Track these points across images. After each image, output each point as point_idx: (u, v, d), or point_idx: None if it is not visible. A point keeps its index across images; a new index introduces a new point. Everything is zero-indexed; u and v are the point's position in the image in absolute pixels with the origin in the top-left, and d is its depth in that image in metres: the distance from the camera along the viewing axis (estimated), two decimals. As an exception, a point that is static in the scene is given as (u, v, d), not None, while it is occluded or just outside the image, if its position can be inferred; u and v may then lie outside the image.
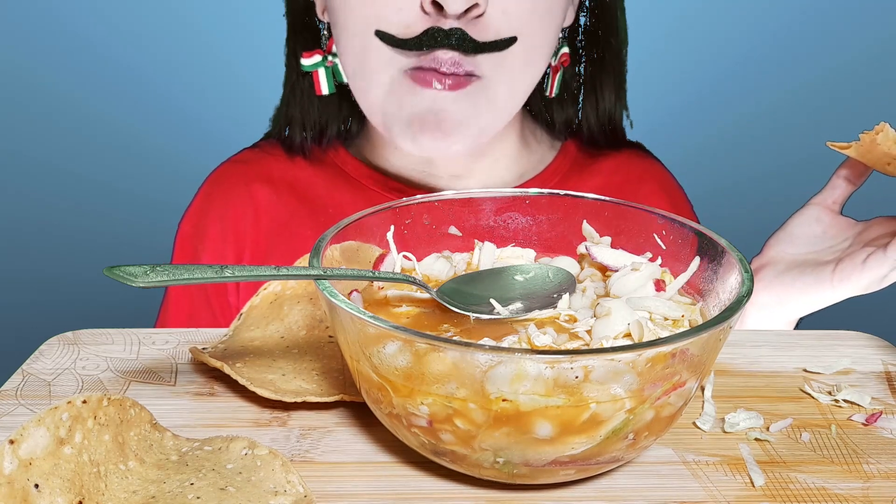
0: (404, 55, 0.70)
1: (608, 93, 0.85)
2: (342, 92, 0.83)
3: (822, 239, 0.65)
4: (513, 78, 0.73)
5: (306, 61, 0.81)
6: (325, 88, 0.81)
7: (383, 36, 0.70)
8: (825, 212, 0.65)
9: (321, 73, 0.81)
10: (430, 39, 0.68)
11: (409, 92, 0.71)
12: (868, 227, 0.63)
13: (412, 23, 0.69)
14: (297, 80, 0.83)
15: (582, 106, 0.87)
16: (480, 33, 0.69)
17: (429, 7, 0.68)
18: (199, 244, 0.85)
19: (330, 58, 0.81)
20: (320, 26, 0.82)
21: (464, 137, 0.72)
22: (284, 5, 0.84)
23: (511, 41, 0.70)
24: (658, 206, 0.86)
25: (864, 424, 0.49)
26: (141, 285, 0.39)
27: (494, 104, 0.73)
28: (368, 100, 0.74)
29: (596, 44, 0.85)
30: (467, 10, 0.67)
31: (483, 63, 0.70)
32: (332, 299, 0.40)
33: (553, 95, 0.83)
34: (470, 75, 0.70)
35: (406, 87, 0.71)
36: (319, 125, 0.85)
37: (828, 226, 0.65)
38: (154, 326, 0.84)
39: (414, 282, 0.47)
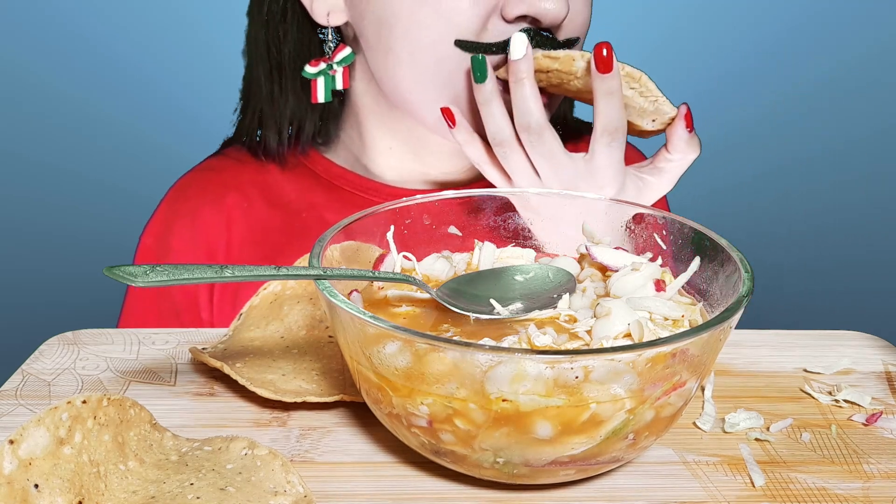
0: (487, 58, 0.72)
1: (562, 100, 0.89)
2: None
3: None
4: None
5: (311, 69, 0.79)
6: (322, 97, 0.79)
7: (465, 45, 0.70)
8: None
9: (320, 81, 0.80)
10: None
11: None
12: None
13: (491, 27, 0.71)
14: (276, 82, 0.82)
15: None
16: (558, 34, 0.73)
17: (512, 18, 0.69)
18: (163, 258, 0.82)
19: (334, 66, 0.80)
20: (322, 33, 0.80)
21: None
22: (262, 11, 0.82)
23: (577, 41, 0.75)
24: None
25: (864, 424, 0.49)
26: (141, 285, 0.39)
27: (560, 96, 0.77)
28: (435, 106, 0.74)
29: None
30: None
31: None
32: (332, 299, 0.40)
33: None
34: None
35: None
36: (298, 128, 0.84)
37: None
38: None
39: (414, 282, 0.47)
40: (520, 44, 0.66)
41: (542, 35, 0.70)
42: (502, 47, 0.70)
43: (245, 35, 0.84)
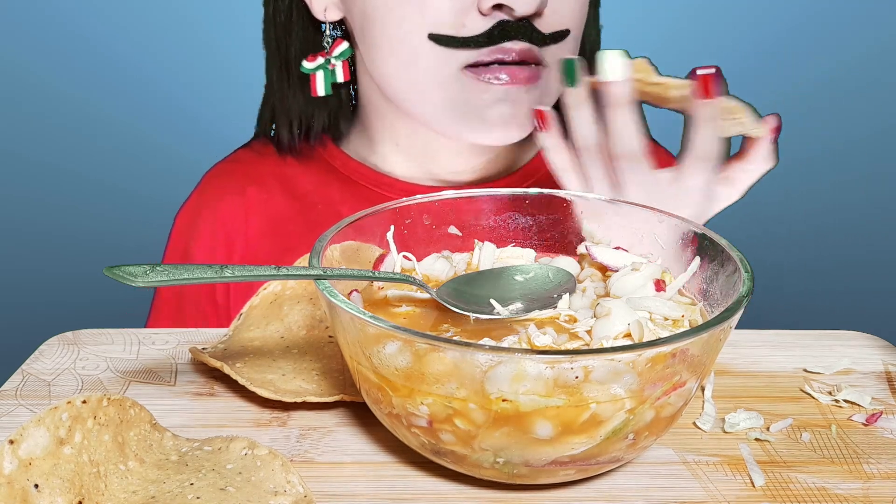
0: (463, 52, 0.71)
1: None
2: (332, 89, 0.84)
3: None
4: None
5: (309, 64, 0.80)
6: (321, 90, 0.81)
7: (438, 38, 0.70)
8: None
9: (319, 75, 0.81)
10: (500, 33, 0.69)
11: (476, 89, 0.72)
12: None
13: (469, 22, 0.70)
14: (285, 78, 0.83)
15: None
16: (542, 26, 0.71)
17: (487, 10, 0.69)
18: (191, 241, 0.85)
19: (333, 60, 0.80)
20: (322, 27, 0.81)
21: (530, 125, 0.74)
22: (269, 10, 0.83)
23: (567, 33, 0.73)
24: None
25: (864, 424, 0.49)
26: (141, 285, 0.39)
27: (550, 93, 0.76)
28: (423, 102, 0.75)
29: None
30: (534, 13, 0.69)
31: (548, 53, 0.73)
32: (332, 299, 0.40)
33: None
34: (538, 65, 0.73)
35: (471, 85, 0.72)
36: (307, 122, 0.85)
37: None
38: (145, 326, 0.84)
39: (414, 282, 0.47)
40: (617, 65, 0.60)
41: (524, 27, 0.69)
42: (479, 41, 0.70)
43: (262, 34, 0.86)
